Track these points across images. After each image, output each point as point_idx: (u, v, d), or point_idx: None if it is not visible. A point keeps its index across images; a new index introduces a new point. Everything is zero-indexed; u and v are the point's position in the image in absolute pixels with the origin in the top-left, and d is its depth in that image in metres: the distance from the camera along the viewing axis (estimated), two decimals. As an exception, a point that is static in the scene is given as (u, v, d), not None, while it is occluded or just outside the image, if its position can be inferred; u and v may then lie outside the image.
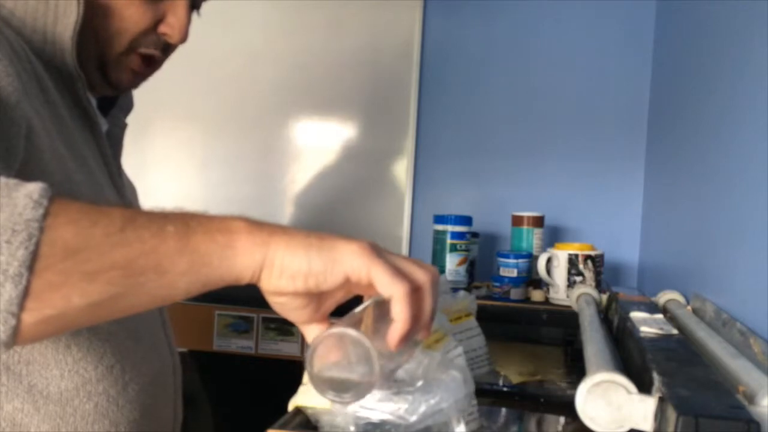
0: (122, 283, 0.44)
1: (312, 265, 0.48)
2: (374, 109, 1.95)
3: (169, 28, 0.74)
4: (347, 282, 0.50)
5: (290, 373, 0.87)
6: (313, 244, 0.49)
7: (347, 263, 0.49)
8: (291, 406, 0.68)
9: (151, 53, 0.76)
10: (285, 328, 1.69)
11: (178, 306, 0.82)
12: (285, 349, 1.69)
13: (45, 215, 0.42)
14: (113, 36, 0.72)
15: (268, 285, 0.49)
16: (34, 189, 0.43)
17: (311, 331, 0.54)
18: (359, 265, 0.49)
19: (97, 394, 0.67)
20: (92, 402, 0.66)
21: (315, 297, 0.52)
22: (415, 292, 0.50)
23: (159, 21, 0.74)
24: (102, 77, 0.75)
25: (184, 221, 0.47)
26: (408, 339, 0.51)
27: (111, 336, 0.68)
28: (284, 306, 0.52)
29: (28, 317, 0.41)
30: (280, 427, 0.65)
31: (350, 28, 1.95)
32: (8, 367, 0.62)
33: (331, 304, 0.54)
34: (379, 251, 0.50)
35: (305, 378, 0.70)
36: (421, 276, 0.51)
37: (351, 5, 1.94)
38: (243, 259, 0.47)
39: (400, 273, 0.50)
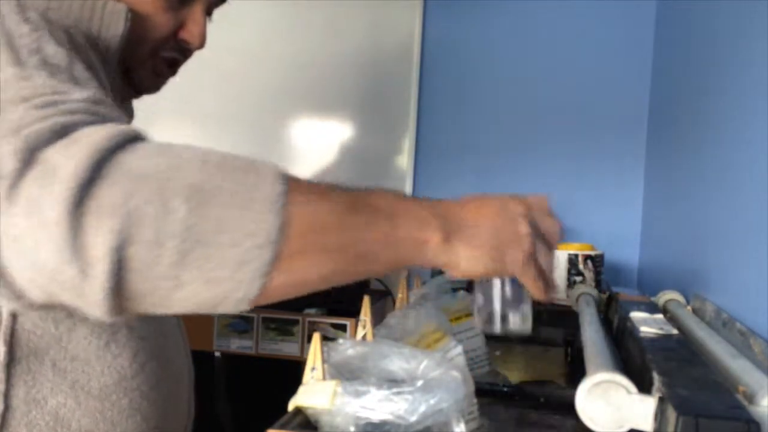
0: (345, 261, 0.51)
1: (487, 268, 0.58)
2: (374, 109, 1.95)
3: (189, 35, 0.77)
4: None
5: (290, 373, 0.87)
6: (493, 248, 0.58)
7: (513, 268, 0.59)
8: (291, 406, 0.68)
9: (174, 56, 0.78)
10: (285, 328, 1.69)
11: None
12: (285, 349, 1.69)
13: (287, 191, 0.47)
14: (139, 42, 0.74)
15: (448, 272, 0.58)
16: (272, 165, 0.48)
17: None
18: (519, 271, 0.59)
19: (132, 390, 0.69)
20: (128, 398, 0.68)
21: None
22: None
23: (179, 28, 0.76)
24: (125, 80, 0.77)
25: (390, 213, 0.53)
26: None
27: (145, 335, 0.71)
28: None
29: (276, 278, 0.46)
30: (280, 427, 0.65)
31: (350, 28, 1.95)
32: (55, 363, 0.64)
33: None
34: (533, 251, 0.60)
35: (305, 378, 0.70)
36: (554, 238, 0.62)
37: (351, 5, 1.94)
38: (431, 257, 0.55)
39: (542, 275, 0.60)
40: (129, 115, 0.87)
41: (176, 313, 0.47)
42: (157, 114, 2.00)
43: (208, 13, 0.81)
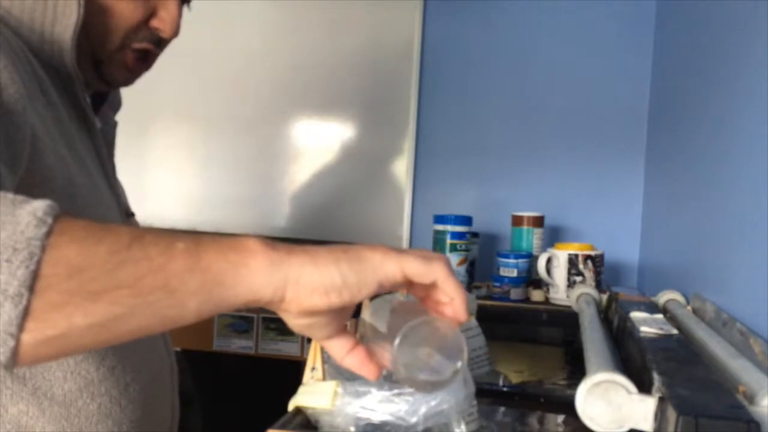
0: (129, 302, 0.42)
1: (346, 278, 0.46)
2: (374, 109, 1.95)
3: (160, 23, 0.75)
4: (379, 289, 0.48)
5: (290, 373, 0.87)
6: (340, 258, 0.47)
7: (380, 270, 0.47)
8: (291, 406, 0.68)
9: (145, 47, 0.76)
10: (285, 328, 1.69)
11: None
12: (285, 349, 1.69)
13: (48, 233, 0.40)
14: (106, 33, 0.73)
15: (298, 305, 0.46)
16: (39, 206, 0.41)
17: (335, 346, 0.53)
18: (392, 268, 0.48)
19: (100, 395, 0.67)
20: (96, 403, 0.67)
21: (339, 309, 0.48)
22: None
23: (150, 16, 0.75)
24: (96, 73, 0.76)
25: (194, 239, 0.45)
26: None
27: None
28: (311, 326, 0.50)
29: (29, 338, 0.40)
30: (280, 427, 0.65)
31: (350, 28, 1.95)
32: (12, 371, 0.63)
33: (348, 313, 0.52)
34: (398, 250, 0.50)
35: (305, 378, 0.70)
36: (443, 259, 0.51)
37: (351, 5, 1.94)
38: (260, 279, 0.45)
39: (428, 258, 0.49)
40: (114, 105, 0.86)
41: None
42: (158, 114, 2.01)
43: (186, 1, 0.79)
